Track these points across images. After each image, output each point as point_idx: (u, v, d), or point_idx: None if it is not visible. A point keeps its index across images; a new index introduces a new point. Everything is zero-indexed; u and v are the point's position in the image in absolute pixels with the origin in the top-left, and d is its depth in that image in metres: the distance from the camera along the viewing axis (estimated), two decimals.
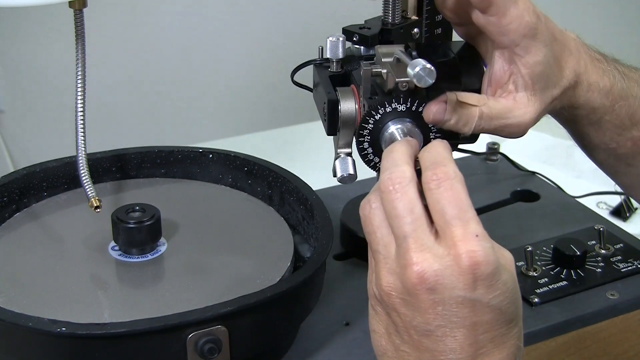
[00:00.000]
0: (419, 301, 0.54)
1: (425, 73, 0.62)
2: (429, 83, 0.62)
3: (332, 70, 0.75)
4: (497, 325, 0.55)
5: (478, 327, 0.54)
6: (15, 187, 0.85)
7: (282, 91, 1.61)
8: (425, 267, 0.54)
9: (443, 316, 0.54)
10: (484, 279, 0.53)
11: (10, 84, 1.52)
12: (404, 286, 0.55)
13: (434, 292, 0.54)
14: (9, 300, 0.71)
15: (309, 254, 0.82)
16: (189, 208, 0.88)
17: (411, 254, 0.54)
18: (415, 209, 0.55)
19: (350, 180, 0.71)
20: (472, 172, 1.06)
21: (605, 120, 0.74)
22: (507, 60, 0.67)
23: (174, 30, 1.60)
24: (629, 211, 1.21)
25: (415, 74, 0.62)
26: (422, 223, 0.55)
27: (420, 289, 0.54)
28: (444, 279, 0.53)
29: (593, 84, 0.72)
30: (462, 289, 0.53)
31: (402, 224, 0.55)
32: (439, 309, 0.54)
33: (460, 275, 0.53)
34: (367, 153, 0.69)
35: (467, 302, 0.54)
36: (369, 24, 0.76)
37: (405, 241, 0.55)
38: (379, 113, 0.67)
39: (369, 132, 0.68)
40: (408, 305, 0.55)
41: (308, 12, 1.65)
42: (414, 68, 0.62)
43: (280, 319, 0.71)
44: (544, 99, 0.69)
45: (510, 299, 0.55)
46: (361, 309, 0.83)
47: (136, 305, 0.73)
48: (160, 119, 1.65)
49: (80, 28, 0.73)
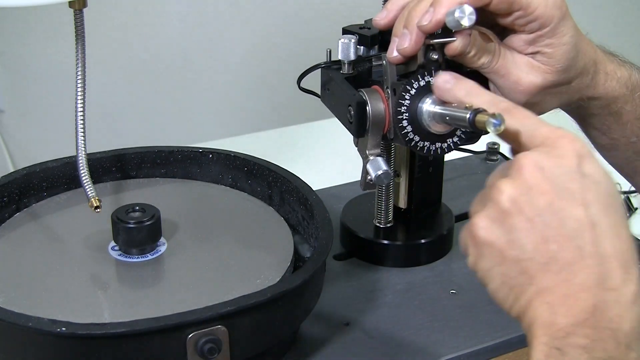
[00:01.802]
0: (539, 186, 0.55)
1: (466, 13, 0.62)
2: (473, 20, 0.62)
3: (344, 72, 0.75)
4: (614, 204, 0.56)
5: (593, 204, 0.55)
6: (15, 187, 0.85)
7: (283, 91, 1.61)
8: (534, 158, 0.55)
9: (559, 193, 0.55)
10: (584, 156, 0.55)
11: (10, 84, 1.52)
12: (521, 182, 0.56)
13: (543, 171, 0.55)
14: (9, 300, 0.71)
15: (309, 254, 0.82)
16: (189, 208, 0.88)
17: (518, 156, 0.56)
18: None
19: (387, 177, 0.71)
20: (472, 172, 1.06)
21: (626, 111, 0.74)
22: (529, 42, 0.68)
23: (174, 30, 1.60)
24: (629, 211, 1.21)
25: (455, 17, 0.62)
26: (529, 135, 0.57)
27: (535, 173, 0.55)
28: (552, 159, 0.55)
29: (610, 73, 0.73)
30: (569, 166, 0.55)
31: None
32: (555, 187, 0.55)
33: (565, 152, 0.55)
34: (407, 132, 0.69)
35: (578, 177, 0.55)
36: (369, 24, 0.76)
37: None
38: (413, 88, 0.67)
39: (407, 109, 0.68)
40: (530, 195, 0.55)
41: (308, 12, 1.65)
42: (452, 14, 0.62)
43: (280, 319, 0.71)
44: (558, 75, 0.69)
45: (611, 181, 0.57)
46: (361, 308, 0.83)
47: (136, 305, 0.73)
48: (160, 119, 1.65)
49: (80, 28, 0.73)
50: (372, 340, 0.79)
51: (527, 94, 0.70)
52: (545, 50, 0.68)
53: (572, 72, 0.70)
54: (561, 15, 0.67)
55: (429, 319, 0.82)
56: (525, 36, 0.68)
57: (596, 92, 0.73)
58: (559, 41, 0.68)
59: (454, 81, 0.64)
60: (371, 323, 0.81)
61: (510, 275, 0.56)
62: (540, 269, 0.55)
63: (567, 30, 0.68)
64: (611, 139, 0.77)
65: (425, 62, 0.67)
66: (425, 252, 0.90)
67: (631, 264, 0.55)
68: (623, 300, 0.54)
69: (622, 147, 0.77)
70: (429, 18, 0.64)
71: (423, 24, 0.65)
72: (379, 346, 0.78)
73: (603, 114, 0.75)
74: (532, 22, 0.67)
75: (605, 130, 0.76)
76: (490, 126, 0.57)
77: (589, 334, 0.54)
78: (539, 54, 0.69)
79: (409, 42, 0.66)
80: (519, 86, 0.69)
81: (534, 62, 0.69)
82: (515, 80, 0.69)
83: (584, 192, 0.55)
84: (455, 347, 0.78)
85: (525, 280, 0.56)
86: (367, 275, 0.89)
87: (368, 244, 0.91)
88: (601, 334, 0.54)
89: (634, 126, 0.75)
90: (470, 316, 0.82)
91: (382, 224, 0.91)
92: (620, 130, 0.76)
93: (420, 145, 0.70)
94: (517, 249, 0.56)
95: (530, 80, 0.69)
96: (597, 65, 0.72)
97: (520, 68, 0.69)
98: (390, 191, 0.90)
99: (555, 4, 0.67)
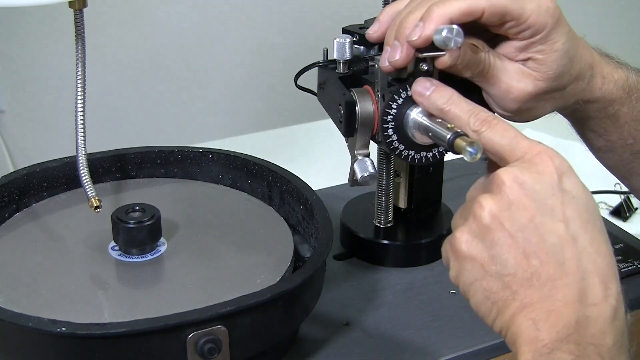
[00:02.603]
0: (519, 201, 0.56)
1: (453, 34, 0.61)
2: (458, 43, 0.61)
3: (340, 71, 0.75)
4: (593, 219, 0.57)
5: (572, 221, 0.56)
6: (15, 187, 0.85)
7: (282, 91, 1.61)
8: (514, 173, 0.56)
9: (539, 209, 0.56)
10: (564, 173, 0.56)
11: (10, 84, 1.52)
12: (501, 197, 0.56)
13: (523, 186, 0.56)
14: (9, 300, 0.71)
15: (309, 254, 0.82)
16: (189, 208, 0.88)
17: (498, 171, 0.57)
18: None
19: (372, 179, 0.71)
20: (472, 172, 1.06)
21: (623, 113, 0.74)
22: (520, 49, 0.67)
23: (174, 30, 1.60)
24: (629, 211, 1.21)
25: (443, 37, 0.61)
26: (508, 149, 0.58)
27: (515, 189, 0.56)
28: (533, 175, 0.56)
29: (607, 76, 0.72)
30: (549, 182, 0.56)
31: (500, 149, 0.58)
32: (535, 202, 0.56)
33: (545, 167, 0.56)
34: (392, 141, 0.68)
35: (558, 192, 0.56)
36: (369, 24, 0.76)
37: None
38: (401, 97, 0.66)
39: (393, 119, 0.67)
40: (511, 211, 0.56)
41: (308, 12, 1.65)
42: (440, 33, 0.61)
43: (280, 319, 0.71)
44: (549, 82, 0.68)
45: (590, 199, 0.58)
46: (361, 308, 0.83)
47: (136, 305, 0.73)
48: (160, 119, 1.66)
49: (80, 28, 0.73)
50: (372, 340, 0.79)
51: (519, 102, 0.69)
52: (537, 57, 0.67)
53: (566, 78, 0.70)
54: (554, 23, 0.66)
55: (429, 319, 0.82)
56: (517, 43, 0.67)
57: (593, 95, 0.72)
58: (551, 48, 0.67)
59: (433, 88, 0.64)
60: (371, 323, 0.81)
61: (492, 290, 0.57)
62: (523, 284, 0.56)
63: (559, 37, 0.67)
64: (607, 141, 0.77)
65: (415, 71, 0.66)
66: (425, 252, 0.90)
67: (611, 279, 0.57)
68: (604, 316, 0.55)
69: (618, 149, 0.77)
70: (418, 33, 0.63)
71: (412, 38, 0.64)
72: (379, 346, 0.78)
73: (600, 117, 0.75)
74: (524, 30, 0.66)
75: (602, 132, 0.76)
76: (466, 154, 0.57)
77: (572, 350, 0.54)
78: (531, 60, 0.68)
79: (399, 55, 0.65)
80: (510, 94, 0.68)
81: (524, 69, 0.68)
82: (506, 88, 0.68)
83: (564, 208, 0.56)
84: (455, 347, 0.78)
85: (508, 295, 0.56)
86: (367, 275, 0.89)
87: (368, 244, 0.91)
88: (585, 350, 0.54)
89: (631, 128, 0.75)
90: (470, 316, 0.81)
91: (382, 224, 0.91)
92: (617, 132, 0.76)
93: (404, 154, 0.69)
94: (499, 264, 0.56)
95: (522, 87, 0.68)
96: (593, 69, 0.71)
97: (511, 76, 0.68)
98: (390, 191, 0.90)
99: (548, 11, 0.66)
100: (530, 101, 0.69)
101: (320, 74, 0.78)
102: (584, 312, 0.55)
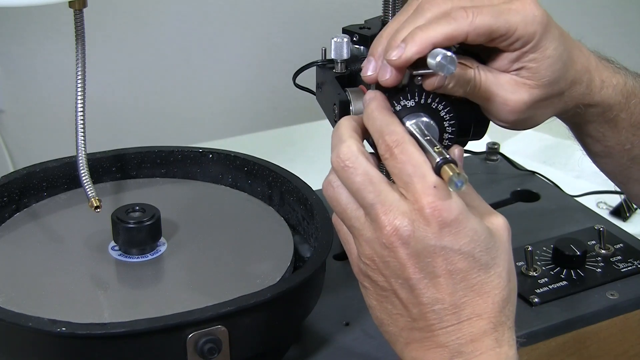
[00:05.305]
0: (397, 258, 0.57)
1: (448, 61, 0.60)
2: (451, 71, 0.61)
3: (337, 70, 0.75)
4: (472, 272, 0.57)
5: (454, 275, 0.57)
6: (15, 187, 0.85)
7: (282, 91, 1.60)
8: (396, 225, 0.57)
9: (421, 268, 0.57)
10: (449, 225, 0.56)
11: (10, 84, 1.52)
12: (382, 248, 0.58)
13: (408, 245, 0.57)
14: (9, 300, 0.71)
15: (309, 254, 0.82)
16: (189, 208, 0.88)
17: (381, 217, 0.57)
18: (372, 177, 0.58)
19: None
20: (472, 172, 1.06)
21: (621, 118, 0.74)
22: (513, 60, 0.67)
23: (174, 30, 1.60)
24: (629, 211, 1.21)
25: (437, 63, 0.60)
26: (384, 187, 0.58)
27: (396, 245, 0.57)
28: (415, 232, 0.56)
29: (606, 80, 0.72)
30: (431, 238, 0.56)
31: (365, 195, 0.58)
32: (416, 262, 0.57)
33: (427, 225, 0.56)
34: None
35: (438, 250, 0.56)
36: (369, 24, 0.76)
37: (373, 208, 0.57)
38: (395, 108, 0.66)
39: None
40: (389, 266, 0.58)
41: (308, 12, 1.65)
42: (435, 57, 0.60)
43: (280, 319, 0.71)
44: (545, 89, 0.68)
45: (483, 246, 0.57)
46: (361, 309, 0.83)
47: (136, 305, 0.73)
48: (160, 119, 1.65)
49: (80, 28, 0.73)
50: (372, 340, 0.79)
51: (517, 112, 0.68)
52: (530, 66, 0.66)
53: (562, 83, 0.69)
54: (543, 30, 0.65)
55: None
56: (510, 55, 0.66)
57: (593, 99, 0.72)
58: (543, 55, 0.66)
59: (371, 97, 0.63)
60: (371, 323, 0.80)
61: (384, 321, 0.61)
62: (406, 326, 0.59)
63: (550, 43, 0.66)
64: (605, 146, 0.76)
65: (410, 83, 0.65)
66: None
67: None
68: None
69: (616, 154, 0.77)
70: (399, 54, 0.62)
71: (392, 58, 0.62)
72: (379, 346, 0.78)
73: (598, 122, 0.74)
74: (514, 42, 0.65)
75: (600, 137, 0.76)
76: (452, 184, 0.56)
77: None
78: (524, 69, 0.66)
79: (389, 75, 0.63)
80: (506, 107, 0.67)
81: (518, 80, 0.67)
82: (501, 101, 0.67)
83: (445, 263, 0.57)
84: None
85: (396, 331, 0.60)
86: None
87: None
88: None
89: (629, 133, 0.75)
90: None
91: None
92: (615, 137, 0.75)
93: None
94: (389, 304, 0.60)
95: (517, 98, 0.67)
96: (591, 72, 0.71)
97: (505, 88, 0.67)
98: None
99: (535, 19, 0.64)
100: (528, 110, 0.68)
101: (318, 74, 0.78)
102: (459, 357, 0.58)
